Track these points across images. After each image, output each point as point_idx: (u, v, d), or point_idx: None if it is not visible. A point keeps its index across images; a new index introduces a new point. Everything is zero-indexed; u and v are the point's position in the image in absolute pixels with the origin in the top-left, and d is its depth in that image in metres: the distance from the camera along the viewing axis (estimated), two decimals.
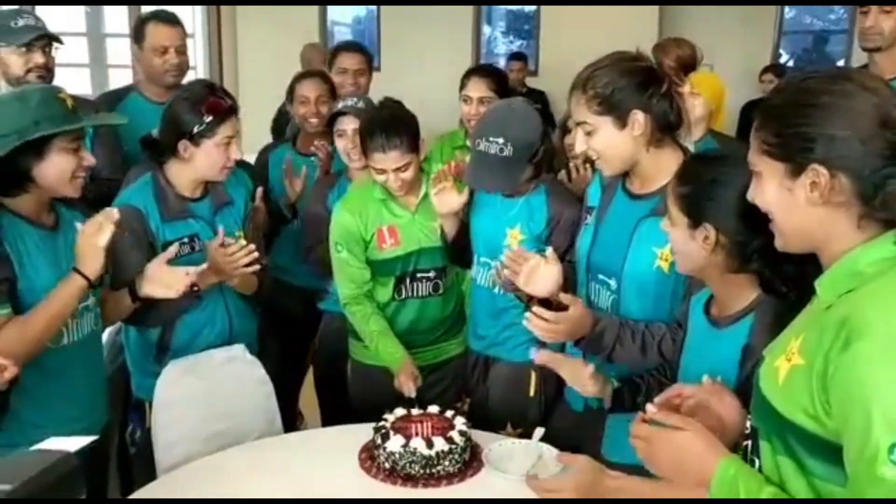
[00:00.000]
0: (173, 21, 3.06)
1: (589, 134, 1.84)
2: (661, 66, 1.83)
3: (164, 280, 2.04)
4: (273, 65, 3.76)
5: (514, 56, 6.66)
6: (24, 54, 2.55)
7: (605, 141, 1.83)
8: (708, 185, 1.49)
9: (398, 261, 2.43)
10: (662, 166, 1.83)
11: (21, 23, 2.58)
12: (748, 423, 1.25)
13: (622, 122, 1.79)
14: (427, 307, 2.49)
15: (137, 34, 3.05)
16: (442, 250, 2.45)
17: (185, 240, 2.21)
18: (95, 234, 1.86)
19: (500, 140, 2.14)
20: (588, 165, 2.61)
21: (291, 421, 2.63)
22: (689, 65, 1.85)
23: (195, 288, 2.10)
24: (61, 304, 1.84)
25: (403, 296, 2.46)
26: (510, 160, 2.14)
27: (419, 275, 2.45)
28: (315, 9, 7.59)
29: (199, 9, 7.46)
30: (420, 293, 2.47)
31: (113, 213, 1.89)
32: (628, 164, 1.87)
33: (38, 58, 2.57)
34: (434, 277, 2.47)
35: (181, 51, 3.02)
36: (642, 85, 1.78)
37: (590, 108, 1.81)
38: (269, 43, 7.19)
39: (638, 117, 1.78)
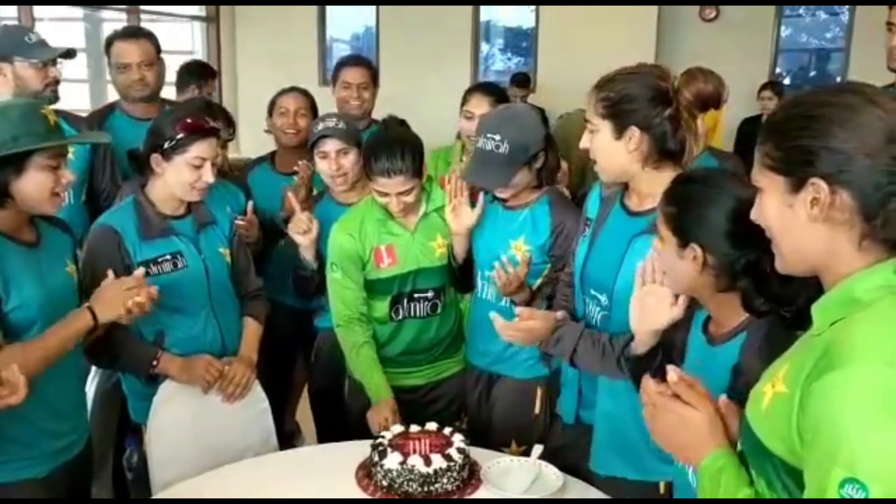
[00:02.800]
0: (135, 35, 3.03)
1: (592, 132, 1.85)
2: (679, 93, 1.82)
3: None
4: (271, 82, 3.78)
5: (518, 77, 6.58)
6: (41, 70, 2.58)
7: (601, 145, 1.84)
8: (694, 205, 1.49)
9: (395, 280, 2.41)
10: (659, 187, 1.82)
11: (34, 38, 2.61)
12: (739, 448, 1.23)
13: (619, 132, 1.80)
14: (426, 328, 2.47)
15: (106, 53, 3.07)
16: (441, 270, 2.43)
17: (168, 256, 2.19)
18: (129, 291, 1.88)
19: (497, 137, 2.14)
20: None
21: (282, 438, 2.61)
22: (708, 101, 1.83)
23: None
24: (66, 339, 1.85)
25: (401, 316, 2.44)
26: (505, 158, 2.14)
27: (417, 295, 2.43)
28: (314, 25, 7.63)
29: (198, 26, 7.51)
30: (418, 314, 2.45)
31: (154, 290, 1.94)
32: (622, 176, 1.88)
33: (54, 72, 2.61)
34: (432, 297, 2.45)
35: (144, 65, 2.98)
36: (651, 102, 1.78)
37: (596, 109, 1.83)
38: (267, 60, 7.23)
39: (634, 133, 1.78)
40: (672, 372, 1.29)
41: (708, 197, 1.48)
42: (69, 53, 2.68)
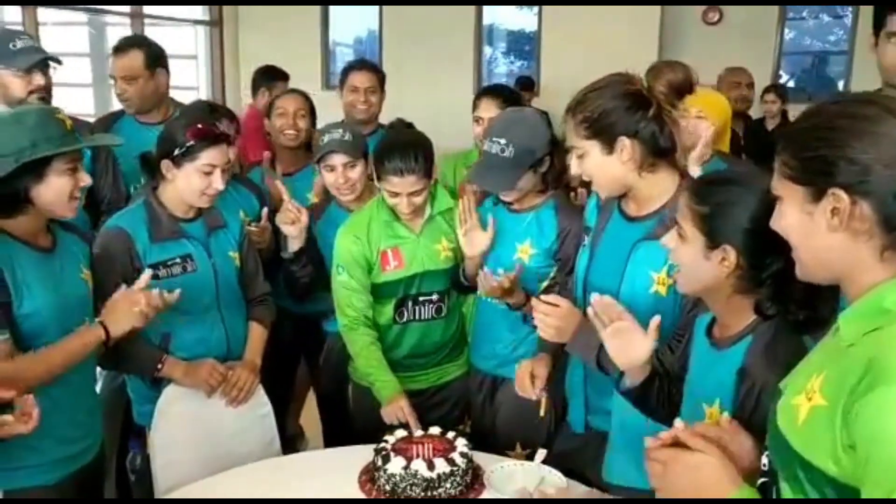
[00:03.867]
0: (122, 49, 3.04)
1: (580, 157, 1.85)
2: (652, 91, 1.82)
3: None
4: None
5: (521, 81, 6.59)
6: (24, 76, 2.56)
7: (595, 165, 1.83)
8: (731, 206, 1.44)
9: (400, 283, 2.41)
10: (658, 189, 1.84)
11: (20, 45, 2.59)
12: (765, 461, 1.22)
13: (609, 147, 1.80)
14: (430, 331, 2.46)
15: None
16: (445, 273, 2.43)
17: (178, 259, 2.20)
18: (138, 300, 1.88)
19: (503, 141, 2.15)
20: (584, 190, 2.62)
21: (285, 442, 2.61)
22: (681, 88, 1.84)
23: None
24: (76, 353, 1.85)
25: (405, 318, 2.44)
26: (510, 162, 2.14)
27: (422, 298, 2.43)
28: (317, 29, 7.65)
29: (201, 30, 7.53)
30: (423, 316, 2.44)
31: (172, 297, 1.95)
32: (622, 188, 1.87)
33: (39, 79, 2.58)
34: (437, 301, 2.44)
35: (125, 80, 2.98)
36: (630, 109, 1.78)
37: (578, 133, 1.82)
38: (270, 63, 7.23)
39: (625, 143, 1.78)
40: (677, 422, 1.27)
41: (746, 200, 1.43)
42: (53, 59, 2.65)
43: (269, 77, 4.67)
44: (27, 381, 1.72)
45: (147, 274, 2.01)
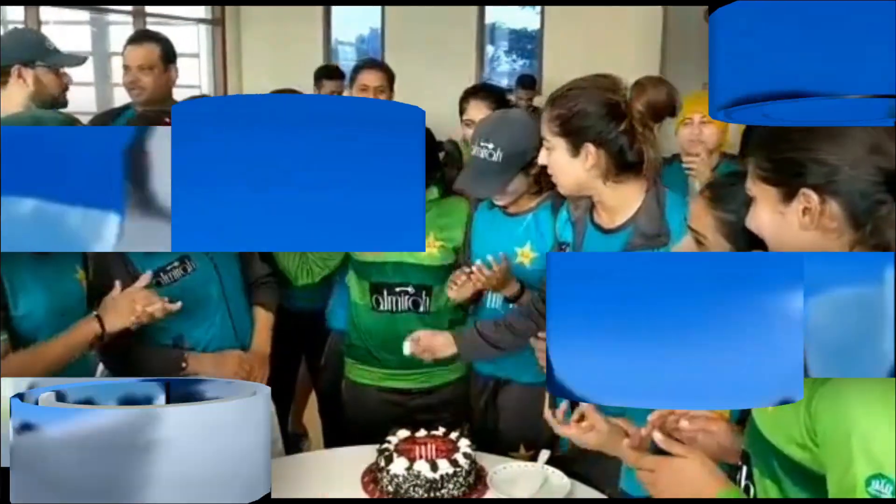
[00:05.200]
0: (138, 40, 3.10)
1: (549, 150, 1.85)
2: (630, 106, 1.78)
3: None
4: (277, 84, 3.81)
5: (523, 80, 6.59)
6: (58, 75, 2.62)
7: (559, 162, 1.83)
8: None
9: (373, 267, 2.38)
10: (626, 201, 1.84)
11: (53, 45, 2.65)
12: (742, 447, 1.26)
13: (575, 150, 1.79)
14: (406, 323, 2.37)
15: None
16: (426, 269, 2.37)
17: (176, 263, 2.16)
18: (142, 302, 1.86)
19: (490, 145, 2.12)
20: None
21: (287, 442, 2.60)
22: (661, 111, 1.78)
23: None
24: (72, 347, 1.83)
25: (383, 307, 2.41)
26: (499, 165, 2.11)
27: (398, 288, 2.39)
28: (319, 28, 7.64)
29: (203, 28, 7.53)
30: (399, 307, 2.40)
31: (176, 306, 1.92)
32: (582, 190, 1.87)
33: (69, 79, 2.66)
34: (413, 293, 2.39)
35: (142, 69, 3.02)
36: (604, 118, 1.77)
37: (550, 127, 1.82)
38: (273, 62, 7.24)
39: (590, 150, 1.77)
40: (656, 434, 1.33)
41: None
42: (83, 60, 2.75)
43: (316, 76, 4.74)
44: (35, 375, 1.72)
45: (146, 276, 1.99)
